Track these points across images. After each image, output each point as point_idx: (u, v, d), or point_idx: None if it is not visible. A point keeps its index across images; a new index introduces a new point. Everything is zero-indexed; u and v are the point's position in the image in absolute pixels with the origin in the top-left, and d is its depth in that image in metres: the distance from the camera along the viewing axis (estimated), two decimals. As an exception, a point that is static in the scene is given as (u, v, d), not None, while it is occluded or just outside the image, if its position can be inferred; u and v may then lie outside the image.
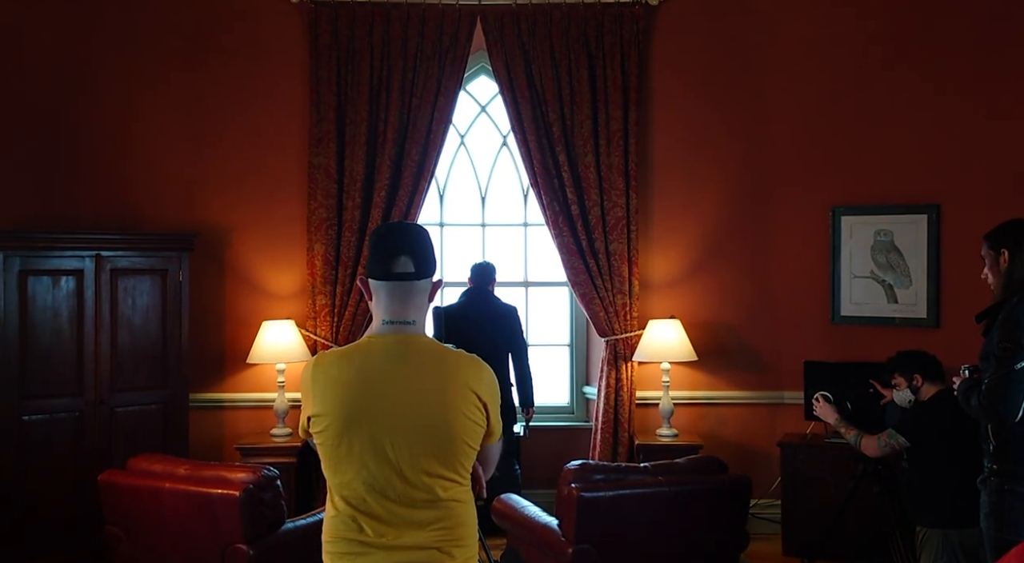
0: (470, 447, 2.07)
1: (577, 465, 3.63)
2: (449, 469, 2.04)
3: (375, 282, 2.11)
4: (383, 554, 1.99)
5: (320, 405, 2.03)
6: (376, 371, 2.04)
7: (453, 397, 2.04)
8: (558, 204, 5.29)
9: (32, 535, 4.46)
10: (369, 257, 2.13)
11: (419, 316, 2.13)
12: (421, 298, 2.13)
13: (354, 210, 5.32)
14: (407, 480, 1.99)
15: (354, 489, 2.01)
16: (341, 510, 2.03)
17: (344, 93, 5.34)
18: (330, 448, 2.03)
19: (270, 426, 5.25)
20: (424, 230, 2.19)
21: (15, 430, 4.45)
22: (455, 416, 2.03)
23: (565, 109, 5.30)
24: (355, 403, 2.01)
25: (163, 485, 3.63)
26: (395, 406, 2.01)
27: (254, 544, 3.50)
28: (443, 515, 2.03)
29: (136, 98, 5.36)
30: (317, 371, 2.06)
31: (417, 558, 1.99)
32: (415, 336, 2.11)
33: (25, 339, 4.49)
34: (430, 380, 2.05)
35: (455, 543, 2.04)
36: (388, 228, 2.18)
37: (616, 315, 5.28)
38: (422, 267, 2.10)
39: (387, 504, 1.99)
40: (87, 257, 4.68)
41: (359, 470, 2.00)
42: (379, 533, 1.99)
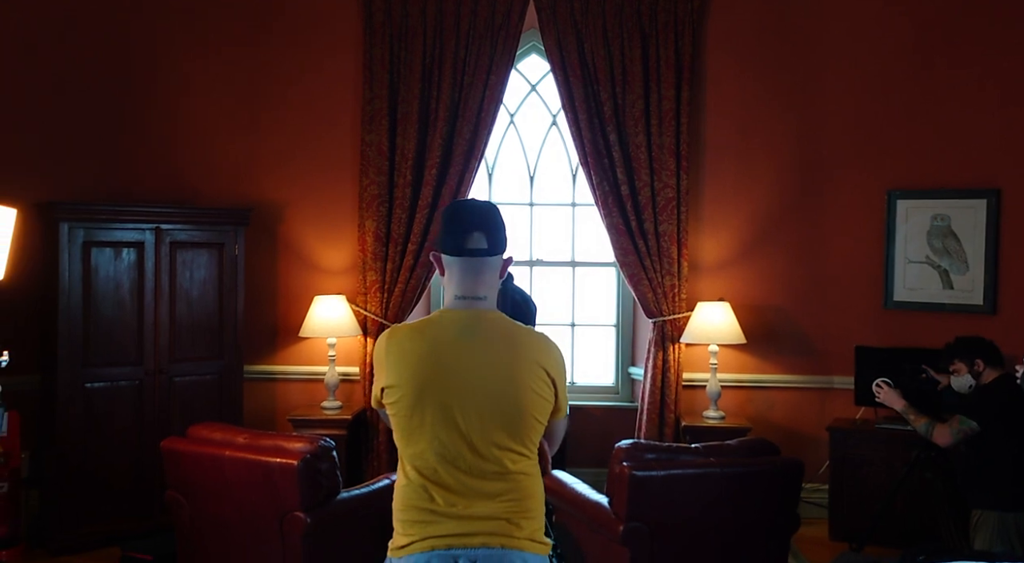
0: (538, 422, 2.11)
1: (629, 444, 3.65)
2: (518, 442, 2.08)
3: (448, 258, 2.14)
4: (453, 523, 2.03)
5: (394, 377, 2.07)
6: (448, 345, 2.08)
7: (523, 372, 2.08)
8: (608, 184, 5.28)
9: (96, 499, 4.61)
10: (442, 233, 2.16)
11: (490, 292, 2.17)
12: (492, 274, 2.16)
13: (405, 187, 5.36)
14: (477, 452, 2.04)
15: (426, 459, 2.05)
16: (413, 479, 2.08)
17: (397, 70, 5.37)
18: (403, 419, 2.08)
19: (320, 399, 5.35)
20: (496, 207, 2.21)
21: (79, 398, 4.58)
22: (524, 391, 2.07)
23: (617, 88, 5.28)
24: (428, 375, 2.05)
25: (223, 453, 3.72)
26: (466, 379, 2.05)
27: (311, 512, 3.58)
28: (512, 487, 2.07)
29: (193, 74, 5.44)
30: (391, 344, 2.11)
31: (486, 528, 2.04)
32: (486, 311, 2.14)
33: (88, 309, 4.61)
34: (501, 355, 2.09)
35: (523, 515, 2.08)
36: (462, 205, 2.22)
37: (664, 296, 5.27)
38: (495, 244, 2.14)
39: (458, 475, 2.04)
40: (147, 230, 4.79)
41: (431, 441, 2.05)
42: (449, 503, 2.04)
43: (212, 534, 3.80)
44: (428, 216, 5.36)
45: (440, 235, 2.16)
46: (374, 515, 3.95)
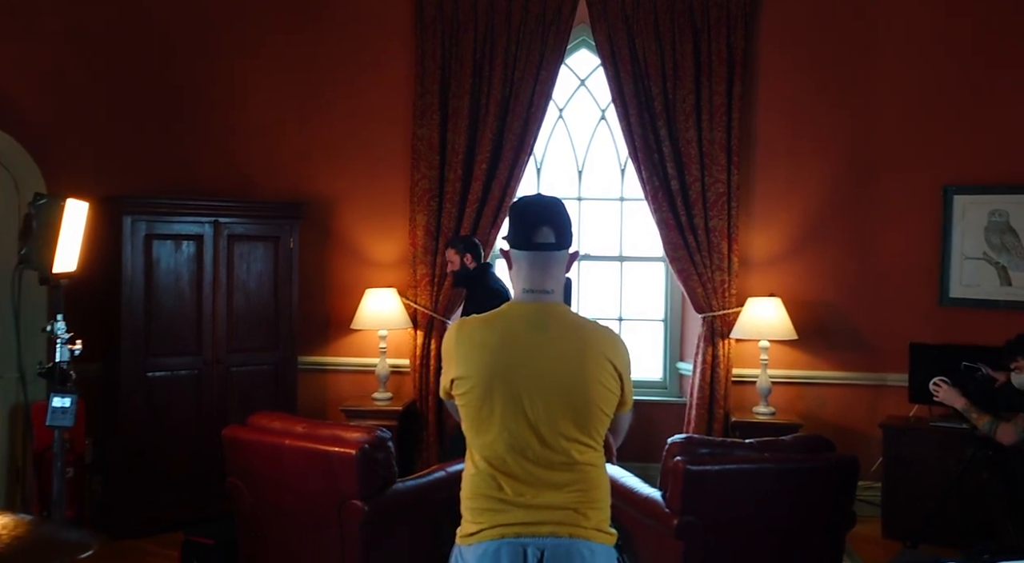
0: (605, 414, 2.14)
1: (683, 439, 3.66)
2: (585, 434, 2.11)
3: (516, 252, 2.18)
4: (522, 512, 2.07)
5: (464, 368, 2.12)
6: (518, 337, 2.12)
7: (590, 365, 2.11)
8: (658, 179, 5.28)
9: (157, 485, 4.73)
10: (511, 228, 2.19)
11: (557, 286, 2.20)
12: (559, 268, 2.20)
13: (455, 182, 5.41)
14: (545, 442, 2.08)
15: (495, 449, 2.09)
16: (481, 469, 2.12)
17: (448, 66, 5.42)
18: (473, 409, 2.12)
19: (371, 390, 5.43)
20: (563, 203, 2.24)
21: (141, 387, 4.71)
22: (592, 384, 2.10)
23: (667, 83, 5.27)
24: (497, 367, 2.09)
25: (283, 441, 3.80)
26: (535, 371, 2.09)
27: (368, 501, 3.64)
28: (578, 478, 2.10)
29: (249, 72, 5.55)
30: (461, 336, 2.15)
31: (554, 517, 2.07)
32: (554, 305, 2.18)
33: (150, 301, 4.73)
34: (569, 348, 2.12)
35: (590, 505, 2.11)
36: (530, 200, 2.25)
37: (714, 291, 5.26)
38: (562, 238, 2.17)
39: (526, 464, 2.08)
40: (206, 223, 4.90)
41: (500, 431, 2.09)
42: (518, 492, 2.08)
43: (271, 520, 3.88)
44: (478, 211, 5.40)
45: (509, 230, 2.20)
46: (428, 505, 4.02)
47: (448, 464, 4.28)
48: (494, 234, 5.45)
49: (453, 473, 4.13)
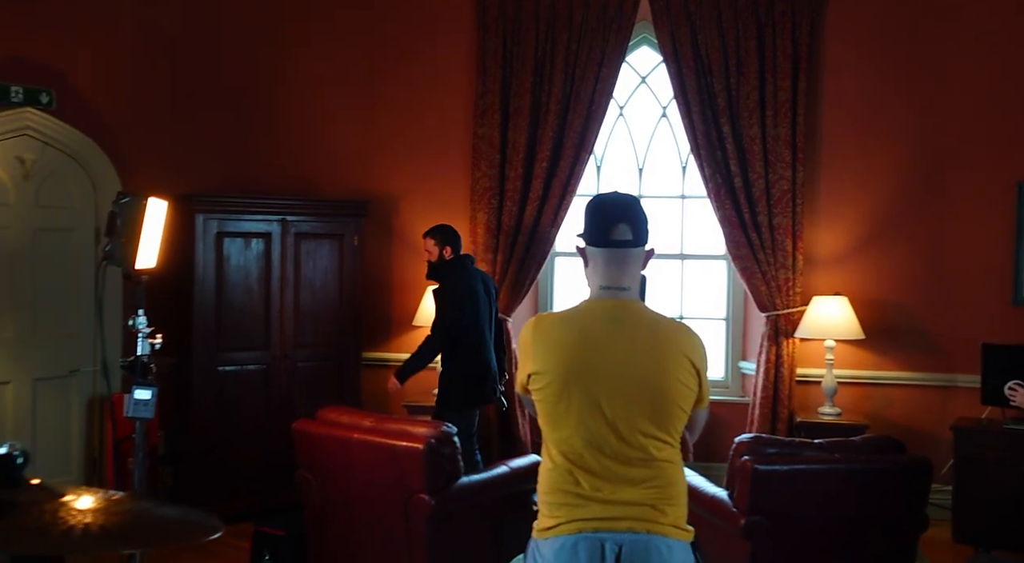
0: (682, 411, 2.14)
1: (750, 438, 3.63)
2: (662, 430, 2.11)
3: (592, 249, 2.19)
4: (599, 507, 2.08)
5: (541, 363, 2.14)
6: (595, 333, 2.13)
7: (668, 362, 2.11)
8: (720, 176, 5.24)
9: (227, 477, 4.85)
10: (587, 225, 2.20)
11: (633, 283, 2.21)
12: (636, 265, 2.20)
13: (516, 180, 5.44)
14: (623, 438, 2.09)
15: (572, 444, 2.11)
16: (558, 464, 2.14)
17: (509, 64, 5.45)
18: (550, 405, 2.14)
19: (431, 386, 5.47)
20: (639, 200, 2.25)
21: (213, 380, 4.84)
22: (670, 380, 2.10)
23: (731, 79, 5.22)
24: (575, 363, 2.11)
25: (351, 435, 3.87)
26: (613, 367, 2.10)
27: (435, 495, 3.69)
28: (656, 474, 2.11)
29: (313, 73, 5.66)
30: (538, 331, 2.18)
31: (632, 513, 2.08)
32: (631, 301, 2.19)
33: (220, 296, 4.86)
34: (646, 344, 2.13)
35: (667, 501, 2.12)
36: (606, 197, 2.26)
37: (778, 290, 5.20)
38: (639, 235, 2.17)
39: (603, 460, 2.09)
40: (275, 221, 5.01)
41: (577, 426, 2.10)
42: (595, 487, 2.09)
43: (340, 513, 3.96)
44: (538, 208, 5.42)
45: (585, 227, 2.21)
46: (492, 501, 4.07)
47: (511, 460, 4.31)
48: (554, 232, 5.47)
49: (516, 469, 4.17)
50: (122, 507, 1.14)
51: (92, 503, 1.12)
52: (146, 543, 1.15)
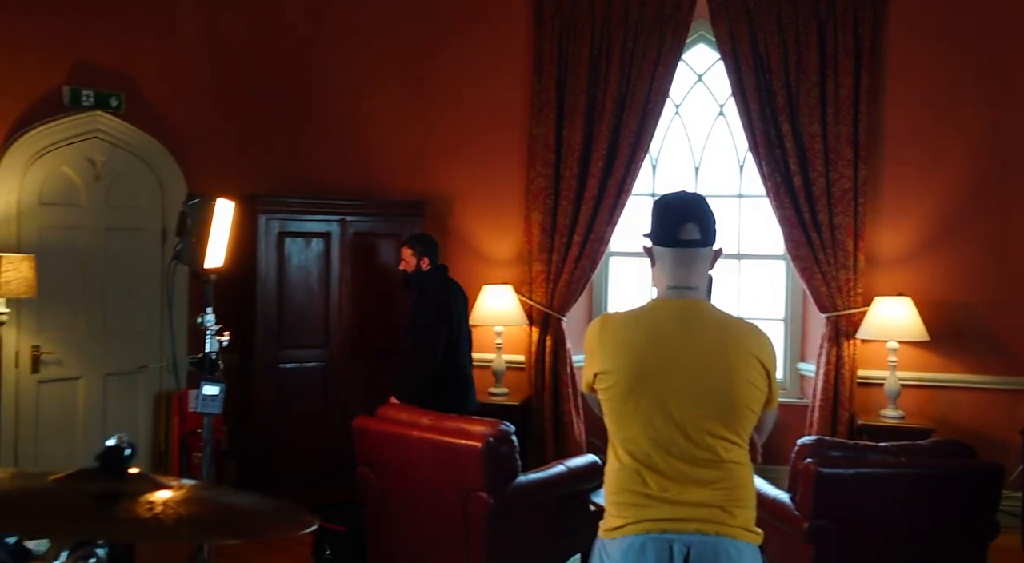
0: (752, 412, 2.12)
1: (813, 440, 3.58)
2: (731, 431, 2.10)
3: (660, 249, 2.18)
4: (668, 508, 2.08)
5: (608, 363, 2.14)
6: (663, 333, 2.13)
7: (738, 363, 2.10)
8: (780, 175, 5.17)
9: (288, 472, 4.94)
10: (655, 225, 2.20)
11: (701, 283, 2.20)
12: (704, 265, 2.20)
13: (571, 179, 5.44)
14: (691, 439, 2.08)
15: (639, 444, 2.11)
16: (626, 463, 2.14)
17: (564, 64, 5.45)
18: (617, 404, 2.14)
19: (487, 385, 5.51)
20: (706, 199, 2.24)
21: (274, 377, 4.94)
22: (739, 381, 2.09)
23: (790, 77, 5.15)
24: (643, 363, 2.10)
25: (410, 433, 3.92)
26: (681, 368, 2.09)
27: (493, 493, 3.71)
28: (725, 475, 2.09)
29: (370, 74, 5.73)
30: (605, 331, 2.18)
31: (701, 515, 2.07)
32: (699, 301, 2.17)
33: (282, 295, 4.96)
34: (715, 345, 2.11)
35: (736, 503, 2.10)
36: (674, 197, 2.25)
37: (839, 290, 5.11)
38: (707, 235, 2.17)
39: (671, 460, 2.08)
40: (334, 221, 5.09)
41: (644, 426, 2.10)
42: (663, 488, 2.08)
43: (399, 509, 4.00)
44: (594, 208, 5.41)
45: (652, 227, 2.21)
46: (549, 500, 4.07)
47: (568, 459, 4.32)
48: (610, 231, 5.46)
49: (574, 468, 4.18)
50: (216, 499, 1.17)
51: (188, 494, 1.16)
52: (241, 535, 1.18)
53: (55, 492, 1.09)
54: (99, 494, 1.08)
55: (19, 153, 4.45)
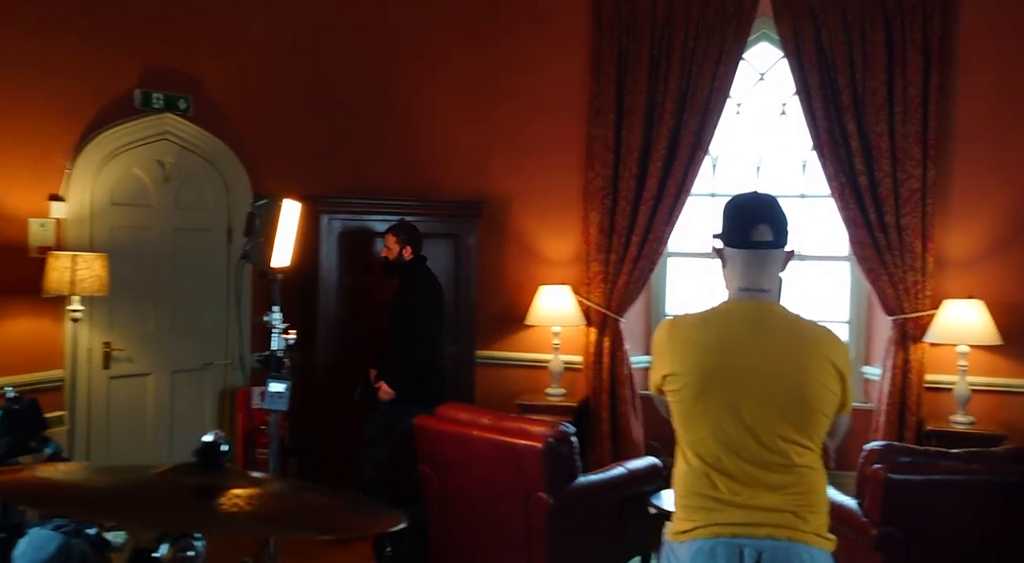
0: (825, 416, 2.09)
1: (881, 445, 3.51)
2: (804, 436, 2.07)
3: (731, 250, 2.16)
4: (738, 512, 2.05)
5: (677, 365, 2.12)
6: (734, 336, 2.11)
7: (811, 366, 2.07)
8: (844, 175, 5.06)
9: (349, 469, 4.99)
10: (726, 226, 2.18)
11: (773, 284, 2.17)
12: (776, 267, 2.17)
13: (629, 180, 5.40)
14: (762, 443, 2.05)
15: (708, 447, 2.09)
16: (694, 466, 2.12)
17: (624, 64, 5.42)
18: (686, 406, 2.12)
19: (544, 385, 5.51)
20: (778, 201, 2.21)
21: (335, 375, 5.00)
22: (813, 385, 2.06)
23: (856, 75, 5.04)
24: (713, 365, 2.09)
25: (470, 432, 3.94)
26: (752, 370, 2.07)
27: (554, 494, 3.72)
28: (797, 480, 2.07)
29: (428, 75, 5.78)
30: (675, 332, 2.16)
31: (772, 519, 2.04)
32: (771, 304, 2.15)
33: (343, 294, 5.02)
34: (788, 348, 2.09)
35: (809, 508, 2.07)
36: (746, 198, 2.23)
37: (906, 293, 4.99)
38: (780, 236, 2.14)
39: (741, 464, 2.06)
40: (394, 221, 5.13)
41: (714, 429, 2.08)
42: (733, 491, 2.06)
43: (460, 507, 4.03)
44: (652, 208, 5.38)
45: (723, 228, 2.18)
46: (609, 502, 4.06)
47: (628, 461, 4.30)
48: (668, 232, 5.41)
49: (634, 470, 4.16)
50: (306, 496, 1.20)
51: (279, 490, 1.19)
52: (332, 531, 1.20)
53: (157, 485, 1.12)
54: (198, 488, 1.12)
55: (92, 154, 4.60)
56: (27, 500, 1.22)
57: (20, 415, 1.74)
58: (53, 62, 4.42)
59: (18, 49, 4.29)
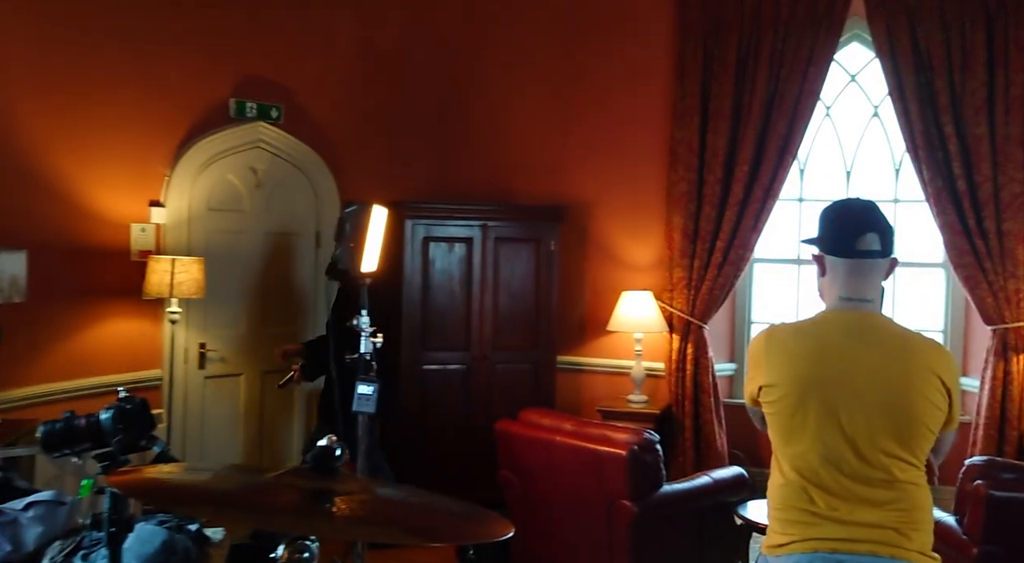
0: (930, 431, 2.01)
1: (982, 461, 3.38)
2: (907, 451, 2.00)
3: (833, 259, 2.10)
4: (837, 527, 1.99)
5: (774, 376, 2.07)
6: (834, 347, 2.05)
7: (916, 379, 1.99)
8: (942, 179, 4.88)
9: (430, 470, 5.06)
10: (829, 233, 2.12)
11: (876, 294, 2.11)
12: (880, 276, 2.11)
13: (714, 184, 5.32)
14: (863, 457, 1.99)
15: (807, 460, 2.03)
16: (791, 480, 2.07)
17: (709, 67, 5.34)
18: (783, 418, 2.07)
19: (625, 392, 5.47)
20: (880, 207, 2.15)
21: (418, 378, 5.08)
22: (918, 399, 1.99)
23: (954, 75, 4.85)
24: (812, 376, 2.03)
25: (553, 438, 3.94)
26: (853, 383, 2.01)
27: (637, 502, 3.68)
28: (900, 496, 1.99)
29: (511, 81, 5.81)
30: (771, 342, 2.11)
31: (873, 536, 1.98)
32: (874, 314, 2.08)
33: (426, 297, 5.09)
34: (891, 360, 2.02)
35: (913, 526, 2.00)
36: (850, 205, 2.17)
37: (1007, 301, 4.77)
38: (887, 245, 2.08)
39: (840, 478, 2.00)
40: (476, 226, 5.18)
41: (813, 442, 2.02)
42: (831, 506, 2.00)
43: (541, 513, 4.03)
44: (738, 213, 5.28)
45: (824, 235, 2.13)
46: (694, 511, 4.00)
47: (714, 470, 4.23)
48: (755, 237, 5.30)
49: (719, 480, 4.09)
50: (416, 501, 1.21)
51: (391, 495, 1.21)
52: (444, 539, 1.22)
53: (275, 488, 1.16)
54: (313, 491, 1.14)
55: (190, 162, 4.77)
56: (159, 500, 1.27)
57: (132, 414, 1.81)
58: (153, 74, 4.61)
59: (121, 62, 4.49)
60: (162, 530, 2.18)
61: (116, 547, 1.63)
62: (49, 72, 4.22)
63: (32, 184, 4.16)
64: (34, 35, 4.16)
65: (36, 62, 4.17)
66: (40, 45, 4.18)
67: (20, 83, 4.11)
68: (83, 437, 1.78)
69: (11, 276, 3.54)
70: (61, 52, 4.26)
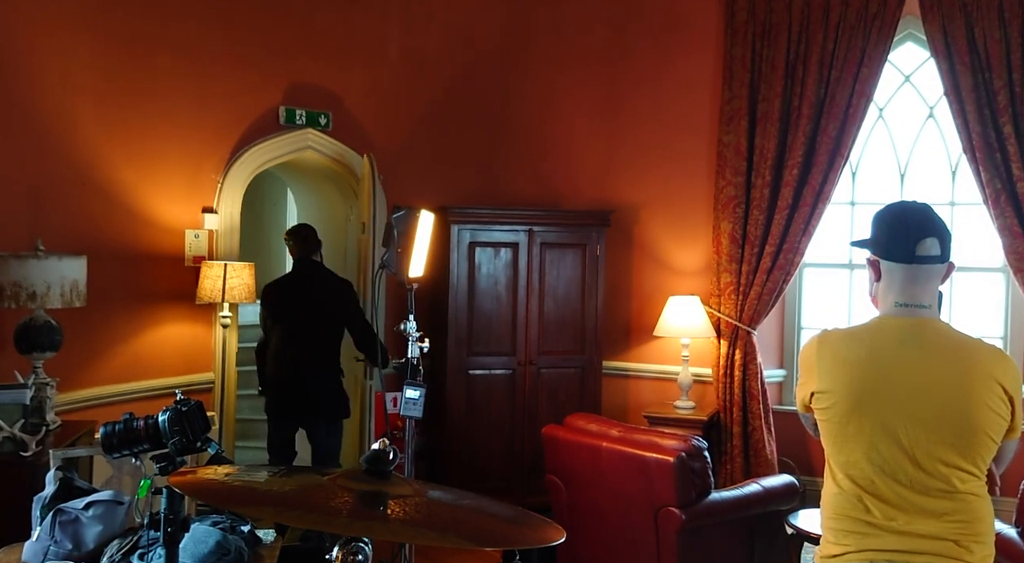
0: (992, 441, 1.96)
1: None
2: (967, 461, 1.95)
3: (889, 264, 2.06)
4: (893, 538, 1.95)
5: (827, 382, 2.04)
6: (889, 353, 2.00)
7: (976, 387, 1.94)
8: (1000, 181, 4.75)
9: (475, 473, 5.09)
10: (884, 237, 2.07)
11: (933, 299, 2.06)
12: (936, 281, 2.06)
13: (763, 188, 5.25)
14: (920, 467, 1.94)
15: (861, 469, 1.99)
16: (845, 488, 2.03)
17: (758, 69, 5.28)
18: (836, 426, 2.03)
19: (672, 397, 5.42)
20: (935, 210, 2.10)
21: (464, 382, 5.10)
22: (978, 407, 1.93)
23: (1013, 74, 4.72)
24: (866, 383, 1.99)
25: (600, 444, 3.92)
26: (910, 391, 1.96)
27: (685, 509, 3.64)
28: (960, 507, 1.94)
29: (558, 86, 5.81)
30: (823, 348, 2.08)
31: (931, 548, 1.93)
32: (932, 320, 2.03)
33: (472, 302, 5.11)
34: (950, 367, 1.97)
35: (973, 538, 1.94)
36: (908, 208, 2.11)
37: (1070, 307, 4.63)
38: (946, 250, 2.04)
39: (897, 488, 1.96)
40: (521, 231, 5.19)
41: (867, 451, 1.98)
42: (888, 516, 1.96)
43: (588, 518, 4.01)
44: (787, 218, 5.20)
45: (881, 240, 2.08)
46: (743, 519, 3.95)
47: (763, 478, 4.17)
48: (804, 242, 5.22)
49: (769, 488, 4.02)
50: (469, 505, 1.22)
51: (443, 498, 1.22)
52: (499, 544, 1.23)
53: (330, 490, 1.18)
54: (367, 494, 1.16)
55: (241, 169, 4.86)
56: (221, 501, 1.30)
57: (188, 416, 1.85)
58: (207, 85, 4.71)
59: (176, 74, 4.59)
60: (216, 531, 2.22)
61: (173, 547, 1.66)
62: (109, 86, 4.34)
63: (93, 192, 4.28)
64: (98, 51, 4.28)
65: (98, 76, 4.29)
66: (101, 60, 4.30)
67: (83, 96, 4.24)
68: (141, 438, 1.82)
69: (72, 281, 3.64)
70: (120, 66, 4.37)
